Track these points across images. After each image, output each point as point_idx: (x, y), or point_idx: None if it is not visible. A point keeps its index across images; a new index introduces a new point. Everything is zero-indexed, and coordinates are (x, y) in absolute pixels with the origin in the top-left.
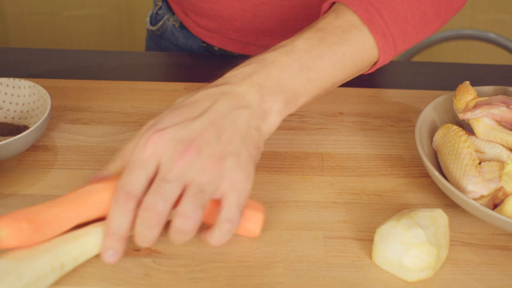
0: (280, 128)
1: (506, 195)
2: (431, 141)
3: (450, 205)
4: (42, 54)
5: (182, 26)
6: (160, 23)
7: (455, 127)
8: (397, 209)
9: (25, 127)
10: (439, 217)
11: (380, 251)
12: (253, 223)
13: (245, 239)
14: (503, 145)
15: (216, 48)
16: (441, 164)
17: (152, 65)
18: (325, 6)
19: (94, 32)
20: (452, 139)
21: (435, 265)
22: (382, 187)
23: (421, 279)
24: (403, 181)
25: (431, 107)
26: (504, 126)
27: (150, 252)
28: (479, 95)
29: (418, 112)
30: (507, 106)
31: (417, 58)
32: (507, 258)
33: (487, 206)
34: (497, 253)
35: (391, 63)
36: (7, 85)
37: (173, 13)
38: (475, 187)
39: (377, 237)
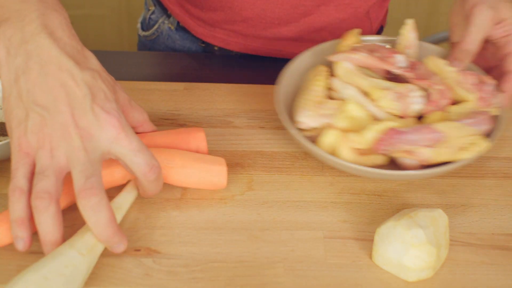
0: (280, 128)
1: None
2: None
3: (450, 205)
4: None
5: (178, 28)
6: (155, 27)
7: (322, 67)
8: (397, 209)
9: None
10: (439, 217)
11: (380, 251)
12: (218, 176)
13: (245, 239)
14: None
15: (216, 48)
16: None
17: (152, 65)
18: None
19: (94, 32)
20: (312, 78)
21: (435, 265)
22: (382, 187)
23: (421, 279)
24: (403, 181)
25: (309, 54)
26: (374, 71)
27: (150, 252)
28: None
29: None
30: (370, 53)
31: None
32: (507, 258)
33: (313, 139)
34: (497, 253)
35: None
36: None
37: (169, 16)
38: (305, 119)
39: (377, 237)
